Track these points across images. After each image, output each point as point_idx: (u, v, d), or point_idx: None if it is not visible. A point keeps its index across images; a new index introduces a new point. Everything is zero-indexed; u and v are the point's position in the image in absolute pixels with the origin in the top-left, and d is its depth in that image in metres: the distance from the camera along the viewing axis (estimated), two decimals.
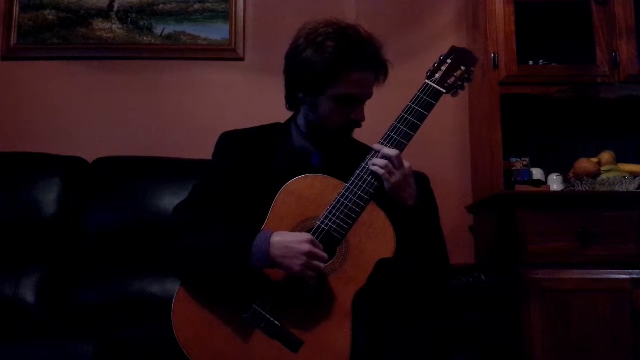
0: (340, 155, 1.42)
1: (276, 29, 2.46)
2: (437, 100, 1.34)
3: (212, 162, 1.45)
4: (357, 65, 1.32)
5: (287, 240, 1.21)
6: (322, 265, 1.20)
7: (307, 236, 1.21)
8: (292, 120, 1.48)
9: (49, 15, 2.51)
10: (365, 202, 1.26)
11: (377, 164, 1.27)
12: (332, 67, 1.31)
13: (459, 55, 1.39)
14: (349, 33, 1.33)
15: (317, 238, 1.25)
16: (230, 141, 1.45)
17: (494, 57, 2.13)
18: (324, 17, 1.38)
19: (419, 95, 1.34)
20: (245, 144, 1.43)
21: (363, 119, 1.38)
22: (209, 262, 1.25)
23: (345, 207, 1.26)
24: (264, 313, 1.21)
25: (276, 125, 1.50)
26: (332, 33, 1.33)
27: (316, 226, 1.26)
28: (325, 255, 1.21)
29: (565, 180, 2.21)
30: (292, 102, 1.45)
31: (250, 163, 1.39)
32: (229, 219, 1.32)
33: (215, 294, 1.25)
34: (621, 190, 2.01)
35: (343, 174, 1.30)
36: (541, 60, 2.27)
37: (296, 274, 1.20)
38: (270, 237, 1.21)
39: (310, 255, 1.19)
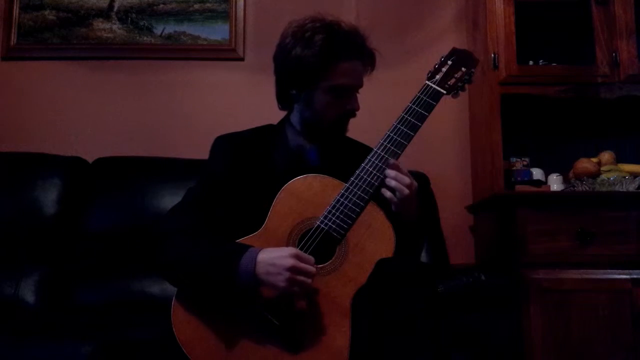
0: (337, 151, 1.42)
1: (276, 29, 2.40)
2: (437, 101, 1.34)
3: (207, 166, 1.44)
4: (347, 55, 1.35)
5: (272, 257, 1.19)
6: (308, 280, 1.18)
7: (291, 250, 1.20)
8: (285, 120, 1.49)
9: (49, 15, 2.51)
10: (365, 202, 1.26)
11: (401, 181, 1.26)
12: (323, 60, 1.33)
13: (459, 57, 1.39)
14: (334, 26, 1.37)
15: (316, 238, 1.25)
16: (225, 144, 1.45)
17: (494, 57, 2.13)
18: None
19: (419, 96, 1.34)
20: (240, 146, 1.43)
21: (358, 108, 1.39)
22: (197, 280, 1.24)
23: (345, 207, 1.26)
24: (263, 312, 1.21)
25: (269, 126, 1.50)
26: (319, 27, 1.36)
27: (315, 226, 1.26)
28: (312, 269, 1.19)
29: (565, 180, 2.21)
30: (285, 101, 1.46)
31: (247, 165, 1.39)
32: (223, 224, 1.32)
33: (213, 295, 1.25)
34: (621, 190, 2.01)
35: (340, 171, 1.31)
36: (541, 60, 2.27)
37: (281, 291, 1.18)
38: (256, 255, 1.20)
39: (294, 270, 1.17)
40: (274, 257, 1.19)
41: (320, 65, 1.33)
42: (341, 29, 1.37)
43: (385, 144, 1.31)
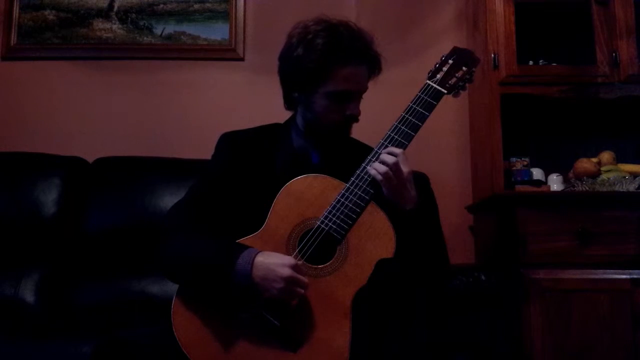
0: (340, 153, 1.42)
1: (276, 29, 2.41)
2: (438, 100, 1.34)
3: (211, 162, 1.45)
4: (348, 60, 1.32)
5: (269, 262, 1.19)
6: (301, 291, 1.19)
7: (289, 260, 1.20)
8: (291, 120, 1.49)
9: (49, 15, 2.51)
10: (366, 203, 1.26)
11: (376, 168, 1.26)
12: (322, 65, 1.31)
13: (460, 56, 1.39)
14: (339, 29, 1.34)
15: (317, 238, 1.25)
16: (229, 142, 1.45)
17: (494, 57, 2.13)
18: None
19: (420, 96, 1.34)
20: (245, 145, 1.43)
21: (358, 114, 1.37)
22: (194, 275, 1.25)
23: (345, 207, 1.25)
24: (263, 313, 1.21)
25: (275, 126, 1.50)
26: (321, 30, 1.33)
27: (316, 226, 1.26)
28: (306, 281, 1.20)
29: (565, 180, 2.21)
30: (289, 102, 1.46)
31: (250, 163, 1.39)
32: (223, 223, 1.32)
33: (213, 295, 1.25)
34: (621, 190, 2.01)
35: (343, 172, 1.30)
36: (541, 60, 2.27)
37: (273, 296, 1.19)
38: (254, 257, 1.20)
39: (289, 280, 1.17)
40: (272, 263, 1.19)
41: (319, 69, 1.31)
42: (345, 32, 1.34)
43: (385, 143, 1.30)
